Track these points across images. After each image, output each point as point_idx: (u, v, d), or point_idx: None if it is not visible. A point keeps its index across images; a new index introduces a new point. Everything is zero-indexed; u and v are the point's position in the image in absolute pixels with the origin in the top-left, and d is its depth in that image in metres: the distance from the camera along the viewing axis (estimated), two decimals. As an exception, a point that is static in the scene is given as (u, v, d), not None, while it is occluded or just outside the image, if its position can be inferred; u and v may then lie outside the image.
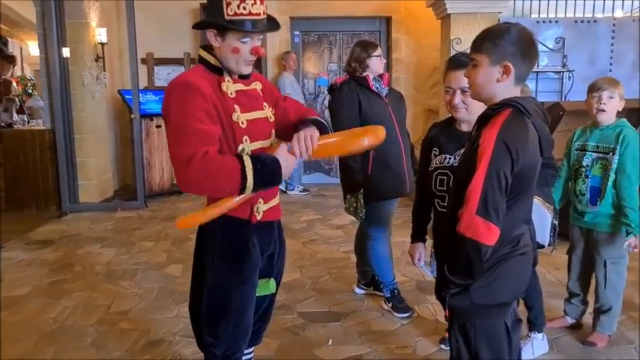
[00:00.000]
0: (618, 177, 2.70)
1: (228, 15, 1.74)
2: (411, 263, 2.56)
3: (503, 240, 1.60)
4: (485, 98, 1.68)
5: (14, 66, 7.90)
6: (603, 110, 2.72)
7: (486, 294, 1.65)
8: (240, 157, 1.73)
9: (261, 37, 1.85)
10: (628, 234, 2.70)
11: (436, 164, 2.25)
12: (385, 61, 3.32)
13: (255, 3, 1.75)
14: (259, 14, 1.78)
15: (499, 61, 1.61)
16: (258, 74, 2.06)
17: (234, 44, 1.79)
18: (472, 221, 1.52)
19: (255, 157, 1.77)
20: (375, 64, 3.20)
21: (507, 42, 1.60)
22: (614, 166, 2.71)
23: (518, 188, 1.59)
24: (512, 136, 1.54)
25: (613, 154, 2.72)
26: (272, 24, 1.86)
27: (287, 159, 1.80)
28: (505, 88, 1.64)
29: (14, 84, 8.71)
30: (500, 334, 1.71)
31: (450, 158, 2.21)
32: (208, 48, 1.87)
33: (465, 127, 2.22)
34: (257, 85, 1.98)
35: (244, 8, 1.74)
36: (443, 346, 2.96)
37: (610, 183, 2.73)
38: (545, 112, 1.74)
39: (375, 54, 3.19)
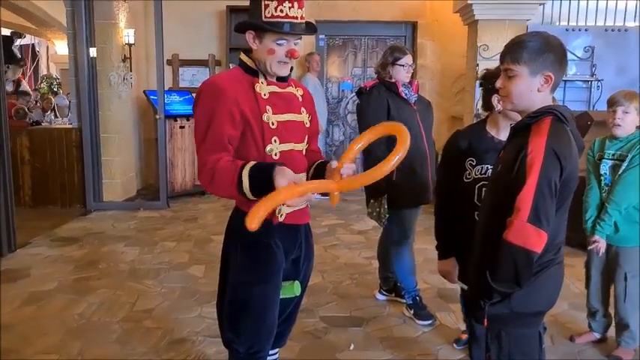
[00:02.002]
0: (618, 179, 2.72)
1: (265, 17, 1.78)
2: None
3: (548, 247, 1.59)
4: (523, 108, 1.69)
5: (23, 66, 8.14)
6: (619, 125, 2.74)
7: (527, 302, 1.65)
8: (241, 170, 1.72)
9: (298, 40, 1.87)
10: (594, 230, 2.79)
11: (476, 175, 2.21)
12: (411, 70, 3.22)
13: (292, 6, 1.79)
14: (296, 18, 1.81)
15: (540, 70, 1.62)
16: (301, 84, 2.10)
17: (270, 46, 1.83)
18: (524, 229, 1.52)
19: (255, 168, 1.73)
20: (399, 73, 3.17)
21: (546, 51, 1.61)
22: (622, 169, 2.72)
23: (563, 195, 1.60)
24: (560, 144, 1.56)
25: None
26: (310, 29, 1.88)
27: (287, 176, 1.67)
28: (543, 97, 1.65)
29: (24, 83, 8.88)
30: (534, 343, 1.71)
31: (491, 169, 2.17)
32: (248, 52, 1.92)
33: (503, 136, 2.19)
34: (297, 91, 2.01)
35: (281, 11, 1.78)
36: (455, 345, 2.99)
37: None
38: (575, 119, 1.74)
39: (399, 62, 3.16)
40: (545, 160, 1.53)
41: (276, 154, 1.86)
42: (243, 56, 1.93)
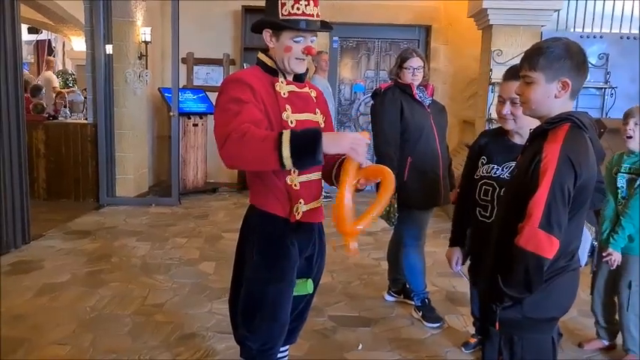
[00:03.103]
0: (633, 193, 2.73)
1: (282, 15, 1.82)
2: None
3: (561, 254, 1.60)
4: (541, 115, 1.69)
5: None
6: (630, 137, 2.77)
7: (539, 308, 1.66)
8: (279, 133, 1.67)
9: (314, 38, 1.90)
10: (608, 243, 2.80)
11: (482, 173, 2.25)
12: (418, 73, 3.20)
13: (308, 4, 1.82)
14: (312, 15, 1.84)
15: (556, 77, 1.62)
16: (315, 86, 2.13)
17: (287, 43, 1.85)
18: (535, 235, 1.52)
19: (297, 130, 1.74)
20: (404, 75, 3.20)
21: (563, 58, 1.62)
22: (637, 183, 2.73)
23: (577, 202, 1.60)
24: (575, 151, 1.56)
25: None
26: (325, 26, 1.91)
27: (337, 136, 1.75)
28: (562, 103, 1.66)
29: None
30: (547, 349, 1.71)
31: (497, 169, 2.21)
32: (266, 51, 1.94)
33: (517, 140, 2.22)
34: (312, 92, 2.04)
35: (298, 9, 1.81)
36: (463, 349, 3.00)
37: None
38: (596, 126, 1.74)
39: (405, 65, 3.19)
40: (559, 167, 1.53)
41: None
42: (261, 56, 1.95)
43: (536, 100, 1.67)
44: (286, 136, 1.63)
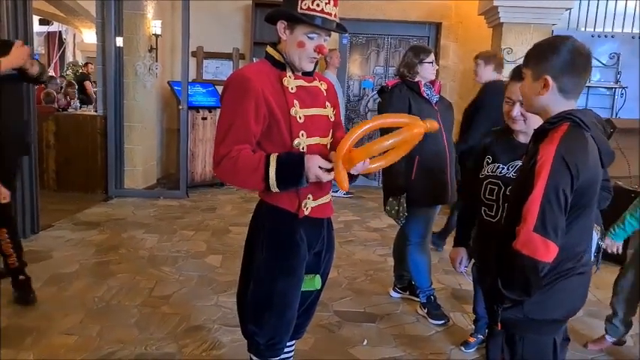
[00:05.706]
0: None
1: (301, 9, 1.80)
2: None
3: (567, 256, 1.58)
4: (534, 111, 1.70)
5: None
6: None
7: (542, 309, 1.64)
8: (267, 158, 1.79)
9: (327, 37, 1.89)
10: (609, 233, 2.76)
11: (487, 172, 2.25)
12: (437, 67, 3.29)
13: (329, 3, 1.81)
14: (331, 15, 1.83)
15: (540, 74, 1.61)
16: (325, 77, 2.12)
17: (300, 38, 1.84)
18: (530, 239, 1.50)
19: (283, 157, 1.81)
20: (427, 70, 3.20)
21: (548, 55, 1.60)
22: None
23: (581, 203, 1.57)
24: (571, 152, 1.52)
25: None
26: (341, 27, 1.91)
27: (316, 163, 1.80)
28: (553, 101, 1.62)
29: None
30: (548, 351, 1.70)
31: (502, 168, 2.20)
32: (275, 45, 1.94)
33: (522, 139, 2.21)
34: (322, 85, 2.03)
35: (318, 5, 1.80)
36: (463, 349, 3.00)
37: None
38: (605, 125, 1.71)
39: (427, 60, 3.20)
40: (553, 169, 1.49)
41: (303, 148, 1.88)
42: (270, 50, 1.94)
43: (526, 97, 1.70)
44: (272, 171, 1.78)
